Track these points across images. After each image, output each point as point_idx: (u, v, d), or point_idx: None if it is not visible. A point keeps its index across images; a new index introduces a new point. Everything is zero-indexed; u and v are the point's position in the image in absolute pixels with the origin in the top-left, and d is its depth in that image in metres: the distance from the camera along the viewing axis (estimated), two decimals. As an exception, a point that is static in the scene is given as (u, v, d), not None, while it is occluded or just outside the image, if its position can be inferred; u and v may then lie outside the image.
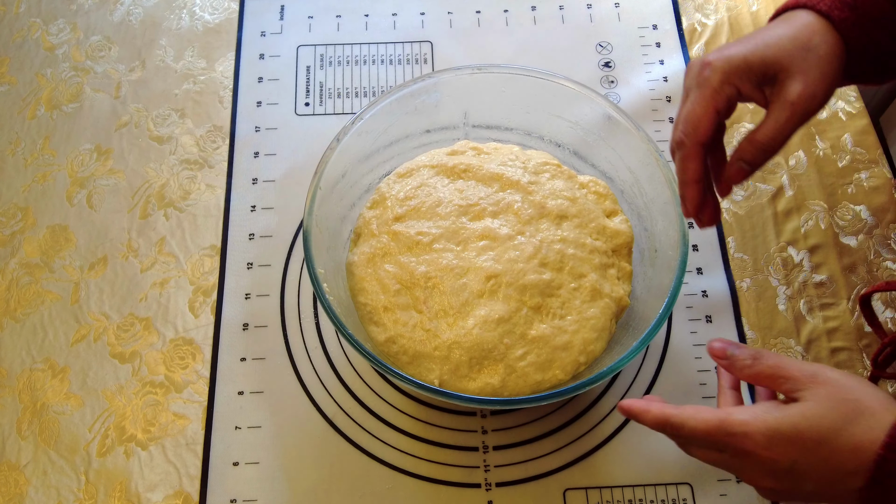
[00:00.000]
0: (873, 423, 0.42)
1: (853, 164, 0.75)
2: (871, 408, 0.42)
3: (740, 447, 0.44)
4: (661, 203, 0.61)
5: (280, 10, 0.85)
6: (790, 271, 0.70)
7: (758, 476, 0.45)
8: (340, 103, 0.79)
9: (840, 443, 0.42)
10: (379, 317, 0.59)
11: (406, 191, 0.64)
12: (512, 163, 0.66)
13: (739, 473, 0.47)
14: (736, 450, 0.45)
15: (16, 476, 0.62)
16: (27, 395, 0.65)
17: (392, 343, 0.58)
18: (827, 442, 0.42)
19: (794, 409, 0.44)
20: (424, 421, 0.64)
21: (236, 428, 0.64)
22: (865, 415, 0.42)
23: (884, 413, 0.42)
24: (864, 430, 0.42)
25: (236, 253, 0.71)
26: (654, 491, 0.61)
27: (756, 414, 0.44)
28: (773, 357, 0.47)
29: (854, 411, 0.42)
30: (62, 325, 0.68)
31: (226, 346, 0.67)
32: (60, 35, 0.84)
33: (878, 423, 0.41)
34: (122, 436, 0.63)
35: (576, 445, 0.63)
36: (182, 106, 0.79)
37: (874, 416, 0.42)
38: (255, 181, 0.75)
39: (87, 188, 0.75)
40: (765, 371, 0.47)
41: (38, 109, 0.79)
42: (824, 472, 0.43)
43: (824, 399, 0.43)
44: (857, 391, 0.43)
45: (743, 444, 0.44)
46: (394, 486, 0.61)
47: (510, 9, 0.85)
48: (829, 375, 0.45)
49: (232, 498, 0.61)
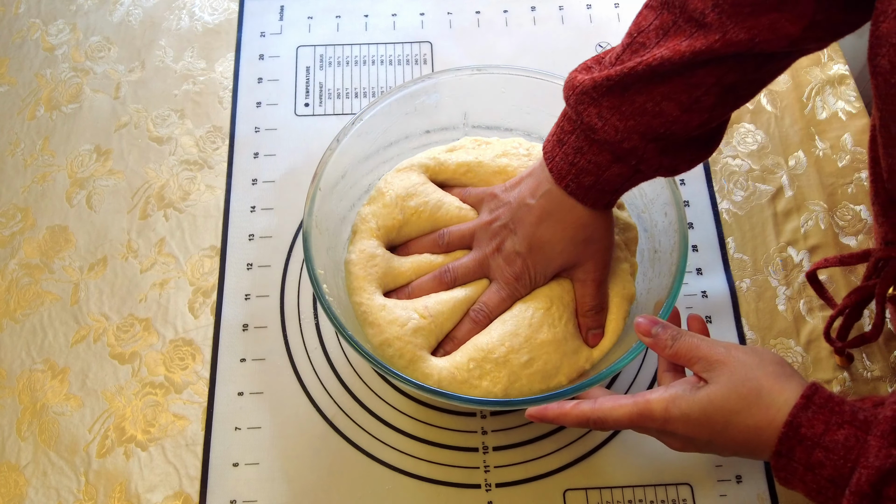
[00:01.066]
0: (769, 401, 0.46)
1: (853, 163, 0.75)
2: (768, 387, 0.46)
3: (662, 428, 0.49)
4: (661, 203, 0.61)
5: (280, 10, 0.85)
6: (790, 272, 0.70)
7: (680, 445, 0.51)
8: (340, 104, 0.79)
9: (743, 424, 0.46)
10: (374, 317, 0.59)
11: (406, 188, 0.64)
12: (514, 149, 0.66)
13: (665, 442, 0.52)
14: (659, 430, 0.50)
15: (15, 477, 0.62)
16: (27, 396, 0.65)
17: (388, 346, 0.58)
18: (732, 424, 0.47)
19: (702, 393, 0.48)
20: (424, 422, 0.64)
21: (236, 429, 0.64)
22: (763, 395, 0.46)
23: (779, 392, 0.46)
24: (762, 410, 0.46)
25: (236, 253, 0.71)
26: (653, 491, 0.61)
27: (672, 397, 0.49)
28: (691, 338, 0.51)
29: (753, 392, 0.46)
30: (62, 325, 0.68)
31: (225, 346, 0.67)
32: (60, 36, 0.84)
33: (774, 402, 0.46)
34: (122, 437, 0.63)
35: (576, 446, 0.63)
36: (182, 106, 0.79)
37: (770, 396, 0.46)
38: (255, 182, 0.75)
39: (87, 189, 0.75)
40: (681, 351, 0.50)
41: (37, 110, 0.79)
42: (737, 446, 0.48)
43: (727, 381, 0.47)
44: (756, 370, 0.47)
45: (664, 425, 0.49)
46: (394, 487, 0.61)
47: (510, 9, 0.85)
48: (734, 356, 0.49)
49: (232, 499, 0.61)
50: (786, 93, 0.79)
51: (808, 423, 0.44)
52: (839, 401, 0.45)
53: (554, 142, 0.55)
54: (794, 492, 0.46)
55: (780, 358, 0.50)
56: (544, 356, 0.57)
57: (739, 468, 0.62)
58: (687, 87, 0.49)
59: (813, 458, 0.44)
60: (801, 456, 0.44)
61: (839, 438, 0.43)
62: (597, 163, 0.52)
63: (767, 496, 0.61)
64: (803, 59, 0.81)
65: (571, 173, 0.54)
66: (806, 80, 0.80)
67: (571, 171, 0.54)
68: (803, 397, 0.45)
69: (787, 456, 0.45)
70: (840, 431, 0.43)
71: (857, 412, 0.44)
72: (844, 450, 0.43)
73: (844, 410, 0.44)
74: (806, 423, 0.44)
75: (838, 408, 0.44)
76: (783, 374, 0.47)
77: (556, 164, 0.55)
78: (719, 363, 0.48)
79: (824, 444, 0.43)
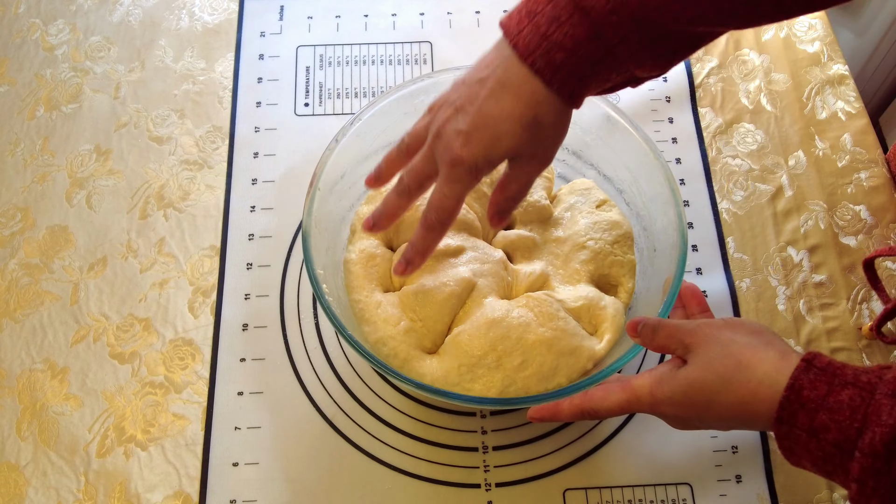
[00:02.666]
0: (748, 375, 0.46)
1: (853, 163, 0.75)
2: (745, 361, 0.46)
3: (652, 410, 0.50)
4: (661, 203, 0.61)
5: (279, 10, 0.85)
6: (790, 271, 0.70)
7: (679, 425, 0.51)
8: (340, 104, 0.79)
9: (726, 401, 0.46)
10: (371, 314, 0.59)
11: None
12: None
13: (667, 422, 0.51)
14: (650, 411, 0.50)
15: (15, 477, 0.62)
16: (27, 396, 0.65)
17: (382, 345, 0.58)
18: (715, 402, 0.47)
19: (681, 375, 0.48)
20: (424, 421, 0.64)
21: (236, 428, 0.64)
22: (741, 369, 0.46)
23: (758, 364, 0.46)
24: (742, 385, 0.46)
25: (236, 253, 0.71)
26: (653, 491, 0.61)
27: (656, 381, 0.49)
28: (669, 326, 0.51)
29: (732, 368, 0.46)
30: (62, 325, 0.68)
31: (225, 346, 0.67)
32: (60, 36, 0.84)
33: (753, 376, 0.45)
34: (122, 436, 0.63)
35: (575, 446, 0.63)
36: (181, 106, 0.79)
37: (749, 369, 0.46)
38: (255, 181, 0.75)
39: (87, 189, 0.75)
40: (662, 341, 0.51)
41: (37, 110, 0.79)
42: (724, 421, 0.48)
43: (705, 361, 0.48)
44: (733, 346, 0.47)
45: (653, 408, 0.50)
46: (393, 487, 0.61)
47: (509, 9, 0.85)
48: (707, 335, 0.49)
49: (231, 498, 0.61)
50: (785, 93, 0.79)
51: (811, 385, 0.43)
52: (840, 364, 0.43)
53: (522, 14, 0.49)
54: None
55: (758, 326, 0.49)
56: (538, 358, 0.57)
57: (739, 468, 0.62)
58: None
59: (817, 421, 0.42)
60: (804, 421, 0.42)
61: (843, 399, 0.42)
62: (573, 36, 0.46)
63: (767, 496, 0.61)
64: (803, 59, 0.81)
65: (542, 47, 0.47)
66: (806, 80, 0.80)
67: (542, 45, 0.47)
68: (804, 360, 0.44)
69: (788, 423, 0.43)
70: (844, 392, 0.42)
71: (859, 374, 0.42)
72: (850, 410, 0.41)
73: (847, 373, 0.43)
74: (808, 386, 0.43)
75: (840, 371, 0.43)
76: (760, 344, 0.47)
77: (524, 39, 0.48)
78: (697, 343, 0.49)
79: (828, 405, 0.42)
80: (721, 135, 0.77)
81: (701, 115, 0.78)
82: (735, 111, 0.78)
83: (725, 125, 0.78)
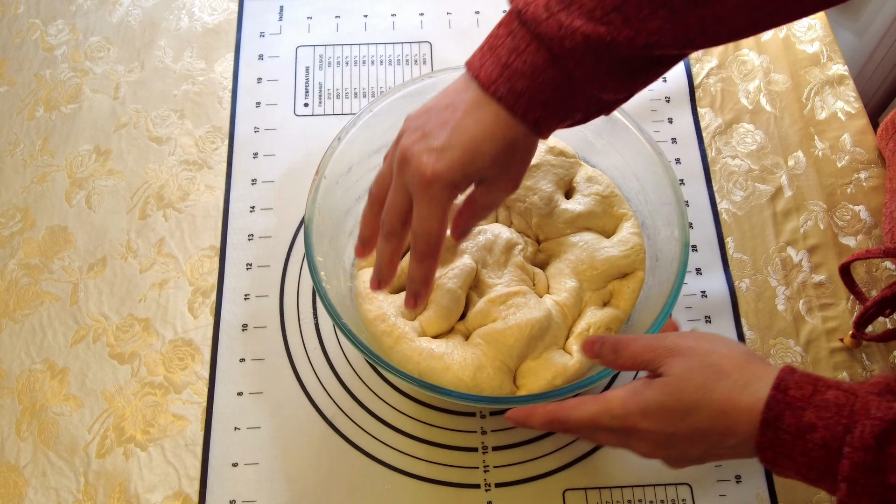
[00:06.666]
0: (731, 384, 0.45)
1: (852, 164, 0.75)
2: (726, 370, 0.46)
3: (625, 425, 0.48)
4: (665, 214, 0.61)
5: (279, 10, 0.85)
6: (789, 271, 0.70)
7: (647, 448, 0.48)
8: (339, 104, 0.79)
9: (706, 410, 0.45)
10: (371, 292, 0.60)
11: None
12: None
13: (632, 448, 0.49)
14: (622, 427, 0.48)
15: (15, 477, 0.62)
16: (26, 396, 0.65)
17: (381, 321, 0.59)
18: (693, 411, 0.46)
19: (656, 385, 0.47)
20: (424, 421, 0.64)
21: (235, 429, 0.64)
22: (722, 378, 0.45)
23: (739, 373, 0.45)
24: (724, 394, 0.45)
25: (235, 254, 0.71)
26: (653, 491, 0.61)
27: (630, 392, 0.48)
28: (632, 344, 0.50)
29: (712, 377, 0.46)
30: (61, 325, 0.68)
31: (225, 346, 0.67)
32: (59, 36, 0.84)
33: (735, 384, 0.45)
34: (122, 437, 0.63)
35: (575, 446, 0.63)
36: (181, 107, 0.79)
37: (730, 378, 0.45)
38: (255, 182, 0.75)
39: (86, 189, 0.75)
40: (627, 362, 0.50)
41: (36, 110, 0.79)
42: (700, 436, 0.46)
43: (681, 371, 0.47)
44: (712, 356, 0.47)
45: (625, 422, 0.48)
46: (393, 487, 0.61)
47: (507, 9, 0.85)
48: (689, 346, 0.48)
49: (231, 499, 0.61)
50: (785, 93, 0.79)
51: (797, 386, 0.43)
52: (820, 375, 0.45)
53: (484, 50, 0.50)
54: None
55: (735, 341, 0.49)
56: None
57: (739, 468, 0.62)
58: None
59: (804, 419, 0.42)
60: (791, 421, 0.43)
61: (829, 398, 0.42)
62: (532, 63, 0.47)
63: (767, 496, 0.61)
64: (803, 60, 0.81)
65: (504, 76, 0.48)
66: (805, 80, 0.80)
67: (504, 74, 0.48)
68: (787, 367, 0.45)
69: (774, 425, 0.43)
70: (829, 392, 0.43)
71: (840, 382, 0.44)
72: (836, 407, 0.42)
73: (828, 380, 0.44)
74: (794, 386, 0.43)
75: (822, 377, 0.44)
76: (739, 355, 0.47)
77: (486, 70, 0.49)
78: (670, 354, 0.48)
79: (815, 402, 0.42)
80: (721, 135, 0.77)
81: (700, 116, 0.78)
82: (735, 111, 0.78)
83: (725, 125, 0.78)
